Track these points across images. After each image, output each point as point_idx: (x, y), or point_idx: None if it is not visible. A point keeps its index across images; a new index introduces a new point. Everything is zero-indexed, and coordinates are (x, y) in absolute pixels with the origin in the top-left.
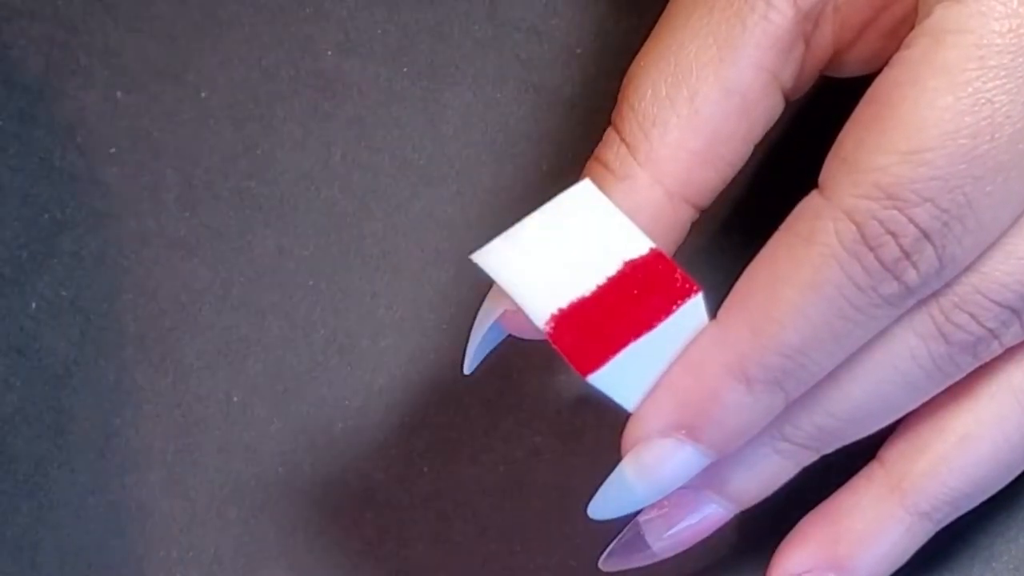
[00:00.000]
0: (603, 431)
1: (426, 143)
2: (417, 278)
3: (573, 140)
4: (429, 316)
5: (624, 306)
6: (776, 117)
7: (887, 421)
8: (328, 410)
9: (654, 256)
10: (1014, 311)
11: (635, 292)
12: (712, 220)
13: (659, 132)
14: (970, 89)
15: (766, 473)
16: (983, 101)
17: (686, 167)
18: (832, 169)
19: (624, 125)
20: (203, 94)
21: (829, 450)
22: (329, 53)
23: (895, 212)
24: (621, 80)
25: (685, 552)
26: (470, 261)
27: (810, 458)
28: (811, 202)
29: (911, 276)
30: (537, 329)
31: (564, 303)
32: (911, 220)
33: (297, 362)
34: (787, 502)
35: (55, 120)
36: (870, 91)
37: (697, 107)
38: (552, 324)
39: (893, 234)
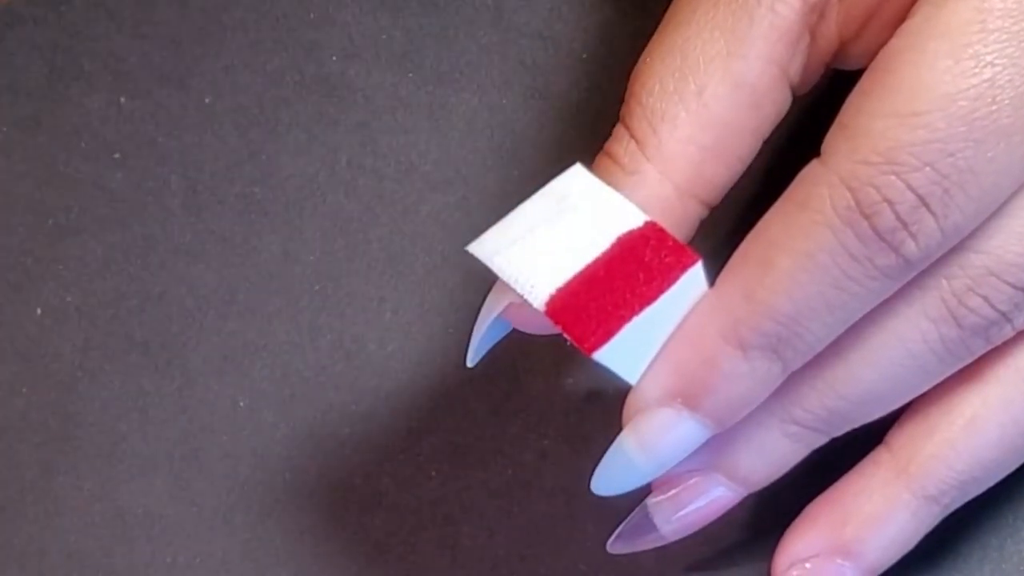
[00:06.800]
0: (611, 434)
1: (432, 148)
2: (423, 283)
3: (579, 145)
4: (436, 320)
5: (624, 280)
6: (784, 111)
7: (897, 404)
8: (335, 415)
9: (650, 228)
10: None
11: (634, 265)
12: (719, 220)
13: (668, 127)
14: (970, 52)
15: (775, 456)
16: (984, 64)
17: (696, 162)
18: (832, 136)
19: (633, 120)
20: (207, 99)
21: (838, 433)
22: (334, 58)
23: (892, 178)
24: (627, 84)
25: (693, 535)
26: (477, 265)
27: (819, 441)
28: (810, 169)
29: (910, 248)
30: (541, 319)
31: (561, 282)
32: (909, 186)
33: (303, 367)
34: (795, 486)
35: (59, 126)
36: (874, 60)
37: (706, 101)
38: (551, 303)
39: (889, 201)
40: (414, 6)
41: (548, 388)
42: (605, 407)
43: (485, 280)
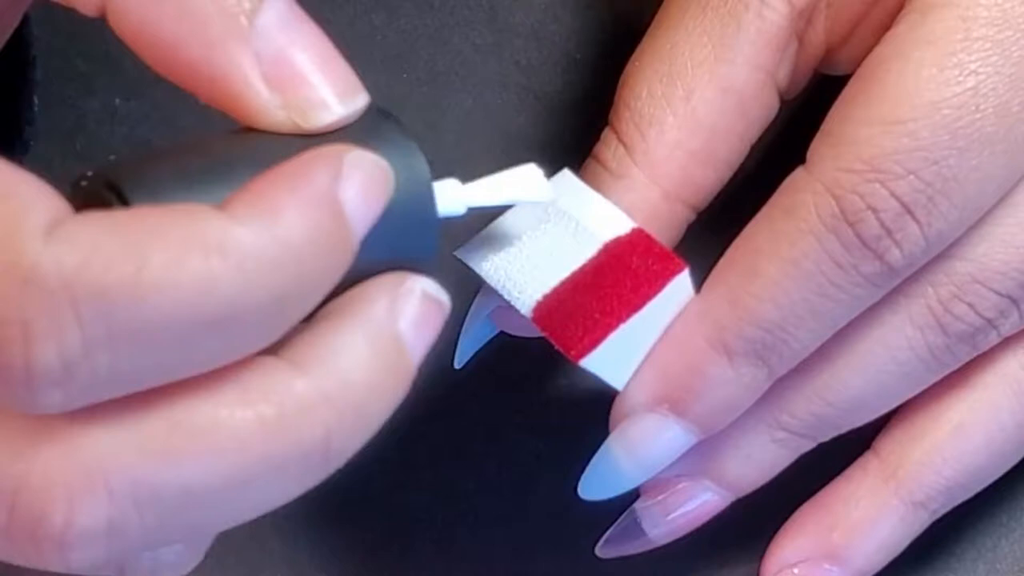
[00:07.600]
0: (605, 436)
1: (426, 148)
2: None
3: (573, 145)
4: None
5: (611, 287)
6: (772, 116)
7: (884, 410)
8: None
9: (637, 235)
10: (1013, 300)
11: (621, 272)
12: (705, 225)
13: (656, 132)
14: (954, 60)
15: (763, 461)
16: (968, 73)
17: (683, 166)
18: (817, 143)
19: (621, 125)
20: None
21: (825, 439)
22: None
23: (876, 185)
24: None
25: (681, 539)
26: (471, 267)
27: (806, 446)
28: (796, 177)
29: (894, 256)
30: (526, 323)
31: (548, 289)
32: (893, 194)
33: None
34: (784, 490)
35: (54, 127)
36: (859, 68)
37: (694, 106)
38: (538, 310)
39: (873, 209)
40: (409, 6)
41: (543, 390)
42: (600, 408)
43: (480, 280)
